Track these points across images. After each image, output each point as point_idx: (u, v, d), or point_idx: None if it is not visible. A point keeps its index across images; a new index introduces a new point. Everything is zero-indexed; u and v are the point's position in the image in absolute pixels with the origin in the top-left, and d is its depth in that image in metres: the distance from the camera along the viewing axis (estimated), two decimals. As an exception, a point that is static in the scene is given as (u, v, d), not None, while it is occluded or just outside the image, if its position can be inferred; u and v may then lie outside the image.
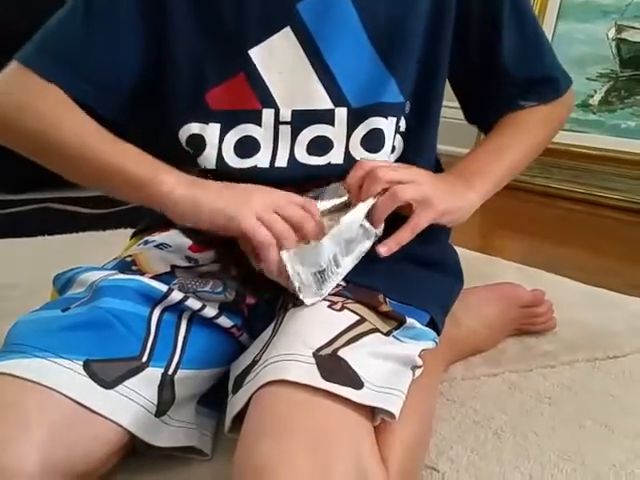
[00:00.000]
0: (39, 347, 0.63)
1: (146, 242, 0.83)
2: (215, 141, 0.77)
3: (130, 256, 0.79)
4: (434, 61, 0.80)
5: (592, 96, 2.00)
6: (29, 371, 0.60)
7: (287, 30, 0.75)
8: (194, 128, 0.76)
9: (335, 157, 0.78)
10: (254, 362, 0.64)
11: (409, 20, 0.77)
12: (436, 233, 0.87)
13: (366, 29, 0.76)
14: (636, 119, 1.90)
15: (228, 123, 0.76)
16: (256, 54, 0.75)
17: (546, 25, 2.11)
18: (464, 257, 0.91)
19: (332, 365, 0.60)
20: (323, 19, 0.75)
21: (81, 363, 0.63)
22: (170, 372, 0.69)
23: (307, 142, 0.77)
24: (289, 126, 0.77)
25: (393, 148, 0.80)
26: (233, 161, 0.77)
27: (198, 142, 0.76)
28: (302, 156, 0.77)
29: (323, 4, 0.75)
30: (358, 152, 0.78)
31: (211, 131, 0.76)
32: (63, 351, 0.63)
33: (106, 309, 0.68)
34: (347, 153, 0.78)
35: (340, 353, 0.62)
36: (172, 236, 0.84)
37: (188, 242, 0.83)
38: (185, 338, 0.73)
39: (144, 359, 0.68)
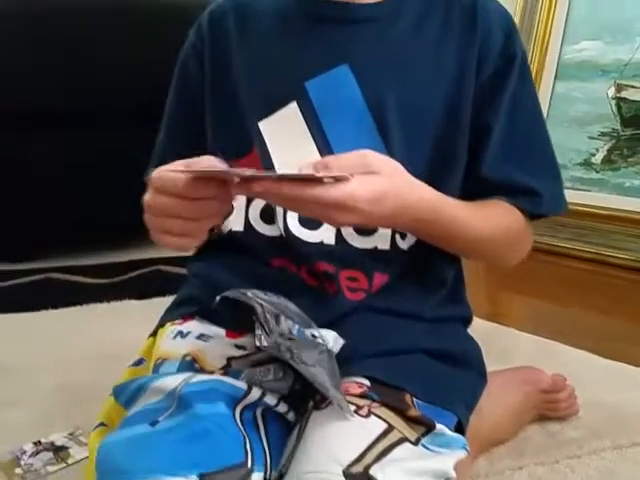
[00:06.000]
0: (145, 469, 0.59)
1: (181, 334, 0.79)
2: (242, 206, 0.78)
3: (188, 354, 0.75)
4: (447, 153, 0.78)
5: (594, 154, 2.01)
6: None
7: (294, 105, 0.77)
8: None
9: (327, 236, 0.76)
10: (280, 475, 0.62)
11: (418, 110, 0.77)
12: (456, 327, 0.86)
13: (370, 109, 0.76)
14: (640, 178, 1.91)
15: None
16: (264, 126, 0.78)
17: (544, 85, 2.13)
18: (476, 329, 0.88)
19: None
20: (328, 96, 0.77)
21: (195, 478, 0.59)
22: (268, 476, 0.64)
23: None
24: None
25: (402, 234, 0.77)
26: (261, 227, 0.78)
27: None
28: (295, 228, 0.76)
29: (330, 82, 0.77)
30: (350, 235, 0.76)
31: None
32: (175, 468, 0.59)
33: (204, 416, 0.64)
34: (339, 234, 0.76)
35: (372, 471, 0.59)
36: (200, 326, 0.80)
37: (220, 330, 0.79)
38: (267, 438, 0.68)
39: (249, 464, 0.63)
